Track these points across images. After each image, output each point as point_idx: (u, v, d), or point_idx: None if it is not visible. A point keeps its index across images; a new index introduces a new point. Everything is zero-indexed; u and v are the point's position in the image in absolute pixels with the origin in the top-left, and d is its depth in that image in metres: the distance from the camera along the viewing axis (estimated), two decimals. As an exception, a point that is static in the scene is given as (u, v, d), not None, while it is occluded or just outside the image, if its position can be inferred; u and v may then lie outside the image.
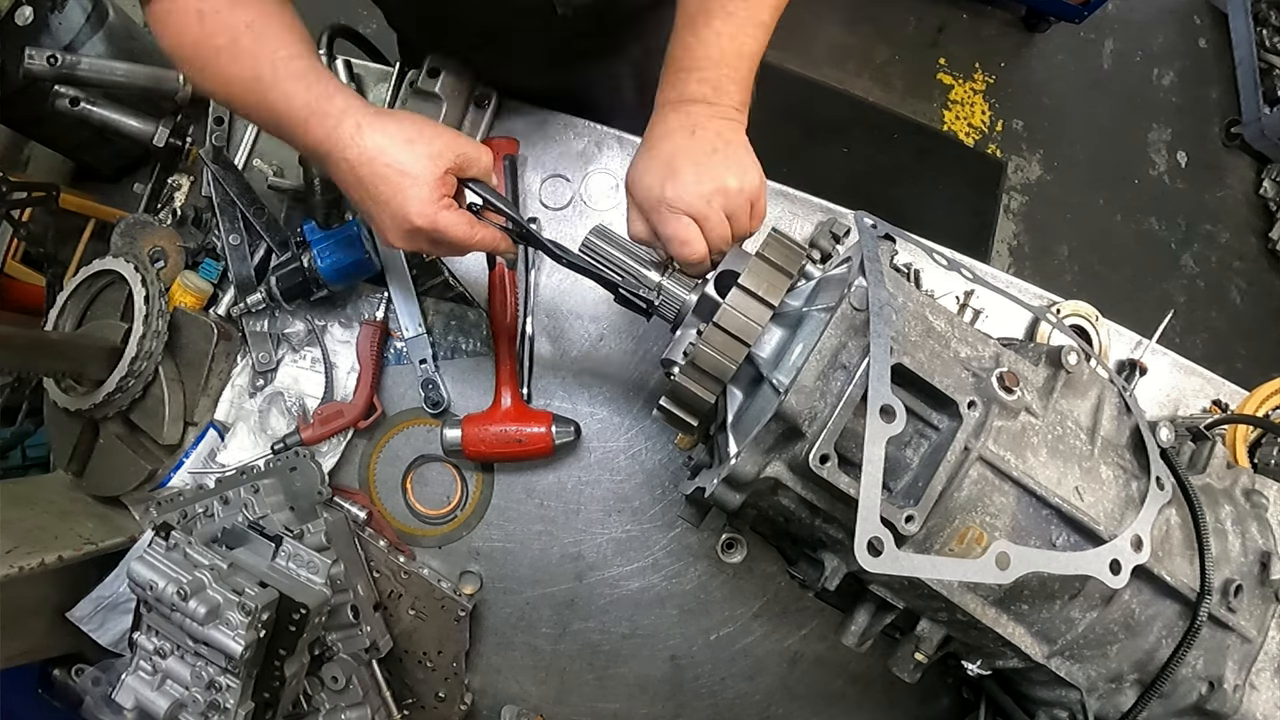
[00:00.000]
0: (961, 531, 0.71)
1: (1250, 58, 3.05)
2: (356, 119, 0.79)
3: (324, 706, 0.97)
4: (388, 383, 1.14)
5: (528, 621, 1.13)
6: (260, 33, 0.83)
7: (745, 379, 0.80)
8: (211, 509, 1.02)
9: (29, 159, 1.33)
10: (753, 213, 0.83)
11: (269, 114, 0.84)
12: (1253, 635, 0.78)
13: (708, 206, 0.79)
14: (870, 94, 2.93)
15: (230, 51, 0.83)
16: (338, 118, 0.80)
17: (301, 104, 0.81)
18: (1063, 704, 0.82)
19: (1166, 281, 2.96)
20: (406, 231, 0.81)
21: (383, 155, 0.79)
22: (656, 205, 0.80)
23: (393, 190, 0.79)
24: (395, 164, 0.79)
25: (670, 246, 0.81)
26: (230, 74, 0.84)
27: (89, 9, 1.15)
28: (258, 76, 0.82)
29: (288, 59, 0.82)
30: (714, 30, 0.81)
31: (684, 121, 0.81)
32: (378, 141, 0.79)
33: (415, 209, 0.79)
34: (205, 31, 0.83)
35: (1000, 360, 0.76)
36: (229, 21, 0.83)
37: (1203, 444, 0.90)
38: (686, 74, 0.82)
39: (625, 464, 1.13)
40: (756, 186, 0.82)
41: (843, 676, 1.12)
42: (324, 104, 0.81)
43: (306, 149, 0.85)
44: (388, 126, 0.80)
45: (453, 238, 0.82)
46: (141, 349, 1.00)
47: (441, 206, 0.81)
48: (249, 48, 0.83)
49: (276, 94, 0.82)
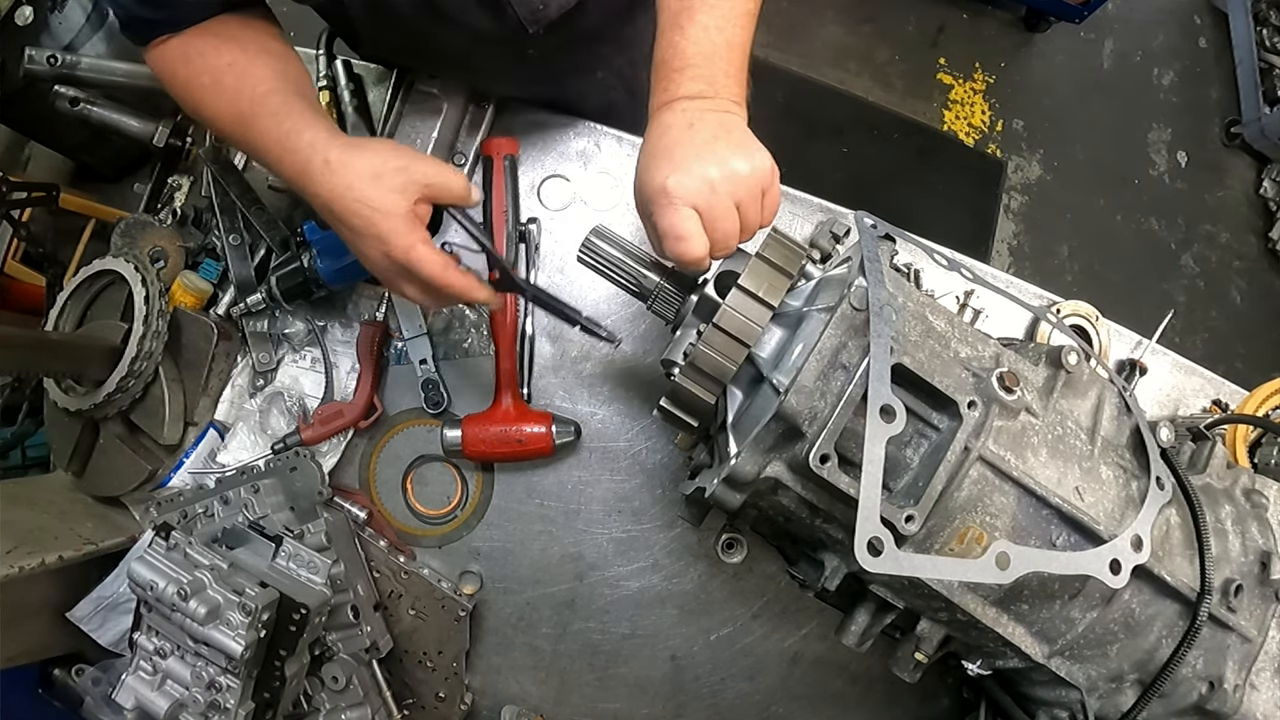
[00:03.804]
0: (961, 531, 0.71)
1: (1250, 58, 3.05)
2: (324, 155, 0.80)
3: (324, 706, 0.97)
4: (388, 383, 1.14)
5: (528, 621, 1.13)
6: (241, 71, 0.87)
7: (745, 379, 0.79)
8: (211, 509, 1.02)
9: (29, 159, 1.33)
10: (765, 202, 0.76)
11: (251, 149, 0.89)
12: (1253, 635, 0.78)
13: (713, 194, 0.72)
14: (870, 94, 2.93)
15: (214, 91, 0.87)
16: (306, 154, 0.81)
17: (274, 140, 0.84)
18: (1063, 704, 0.82)
19: (1166, 281, 2.96)
20: (385, 264, 0.81)
21: (351, 191, 0.79)
22: (656, 198, 0.73)
23: (365, 224, 0.79)
24: (363, 199, 0.79)
25: (665, 243, 0.74)
26: (216, 111, 0.88)
27: (89, 9, 1.14)
28: (239, 114, 0.86)
29: (264, 95, 0.86)
30: (700, 26, 0.78)
31: (680, 118, 0.76)
32: (344, 178, 0.79)
33: (391, 241, 0.79)
34: (192, 72, 0.88)
35: (1000, 360, 0.76)
36: (213, 64, 0.87)
37: (1203, 444, 0.90)
38: (678, 73, 0.78)
39: (625, 464, 1.13)
40: (768, 171, 0.75)
41: (843, 676, 1.12)
42: (294, 140, 0.82)
43: (286, 181, 0.86)
44: (354, 163, 0.80)
45: (425, 273, 0.81)
46: (141, 349, 1.00)
47: (416, 239, 0.80)
48: (231, 86, 0.87)
49: (254, 131, 0.85)
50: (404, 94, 1.16)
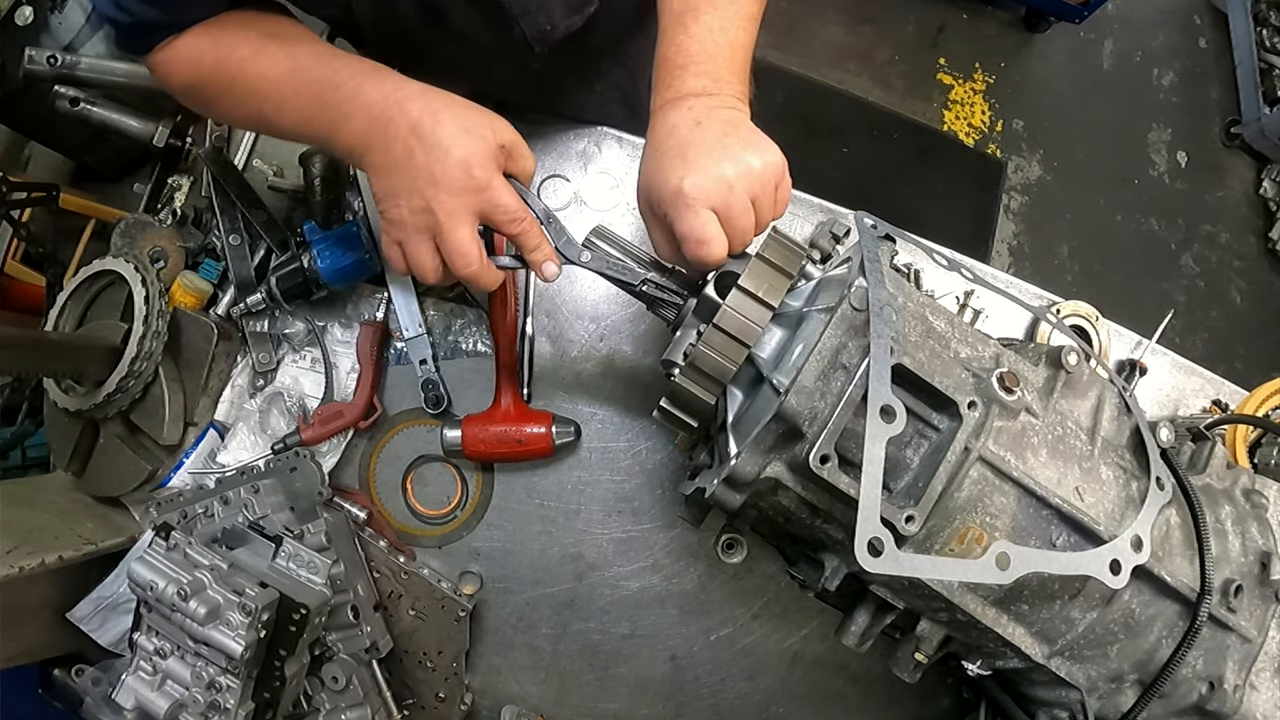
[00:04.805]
0: (961, 531, 0.71)
1: (1250, 58, 3.05)
2: (418, 86, 0.78)
3: (324, 707, 0.97)
4: (388, 383, 1.14)
5: (528, 621, 1.13)
6: (288, 38, 0.84)
7: (745, 379, 0.79)
8: (211, 509, 1.02)
9: (29, 159, 1.34)
10: (777, 196, 0.77)
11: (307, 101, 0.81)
12: (1253, 635, 0.78)
13: (731, 193, 0.72)
14: (870, 94, 2.93)
15: (259, 57, 0.82)
16: (396, 80, 0.79)
17: (354, 73, 0.79)
18: (1063, 704, 0.82)
19: (1166, 281, 2.96)
20: (461, 187, 0.75)
21: (453, 107, 0.77)
22: (674, 201, 0.73)
23: (457, 138, 0.75)
24: (463, 119, 0.76)
25: (686, 247, 0.74)
26: (262, 73, 0.82)
27: (89, 9, 1.15)
28: (296, 67, 0.81)
29: (329, 50, 0.83)
30: (704, 25, 0.79)
31: (686, 116, 0.76)
32: (445, 99, 0.77)
33: (477, 161, 0.75)
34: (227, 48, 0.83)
35: (1000, 360, 0.76)
36: (248, 35, 0.83)
37: (1203, 444, 0.90)
38: (682, 70, 0.78)
39: (625, 464, 1.13)
40: (779, 165, 0.76)
41: (843, 677, 1.12)
42: (380, 71, 0.80)
43: (357, 118, 0.78)
44: (452, 95, 0.79)
45: (504, 203, 0.77)
46: (141, 349, 1.00)
47: (496, 171, 0.77)
48: (280, 49, 0.83)
49: (322, 72, 0.80)
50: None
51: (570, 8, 0.94)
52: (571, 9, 0.94)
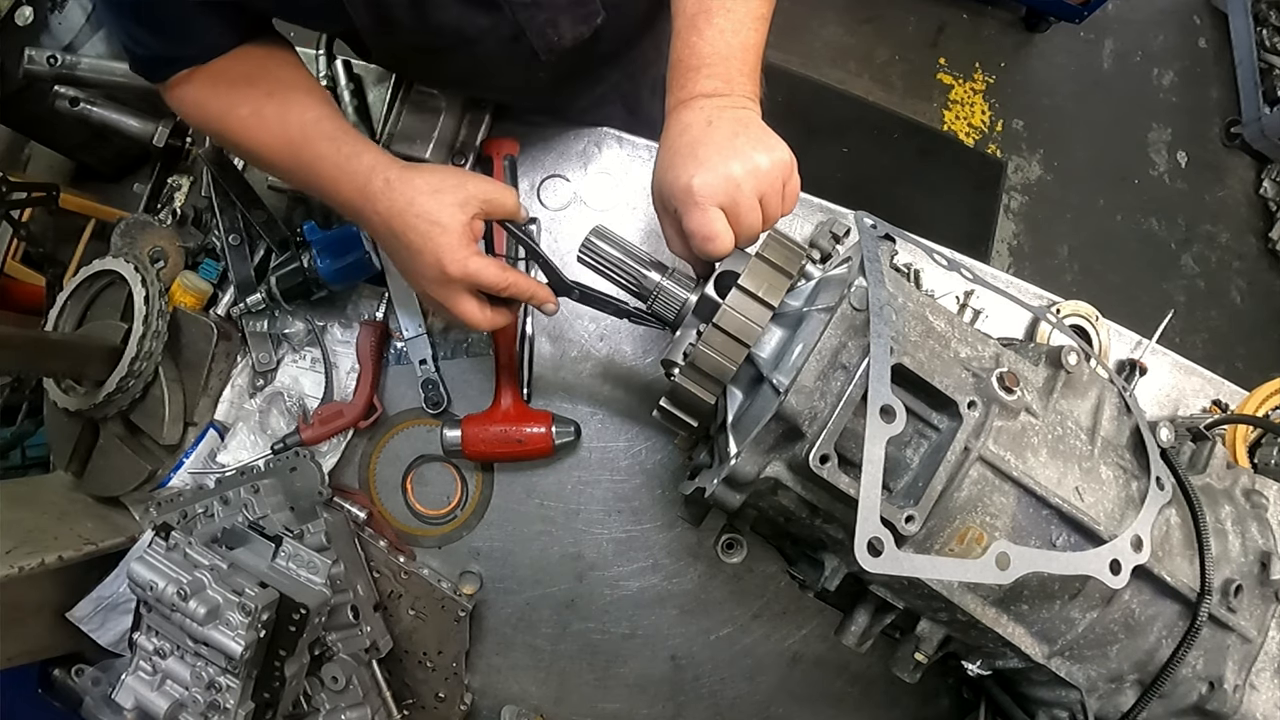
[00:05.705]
0: (961, 531, 0.71)
1: (1250, 58, 3.05)
2: (385, 175, 0.83)
3: (324, 707, 0.97)
4: (388, 383, 1.14)
5: (528, 621, 1.13)
6: (284, 99, 0.88)
7: (745, 379, 0.79)
8: (211, 509, 1.02)
9: (29, 159, 1.33)
10: (785, 193, 0.79)
11: (302, 174, 0.89)
12: (1253, 635, 0.78)
13: (738, 191, 0.75)
14: (870, 94, 2.92)
15: (256, 120, 0.88)
16: (366, 175, 0.83)
17: (331, 164, 0.85)
18: (1063, 704, 0.82)
19: (1166, 281, 2.96)
20: (441, 280, 0.83)
21: (412, 207, 0.82)
22: (683, 199, 0.76)
23: (423, 240, 0.82)
24: (424, 214, 0.81)
25: (694, 242, 0.76)
26: (260, 140, 0.89)
27: (89, 9, 1.15)
28: (288, 141, 0.87)
29: (315, 121, 0.87)
30: (716, 28, 0.80)
31: (698, 115, 0.78)
32: (406, 194, 0.82)
33: (447, 256, 0.81)
34: (226, 105, 0.89)
35: (1000, 360, 0.76)
36: (249, 93, 0.88)
37: (1203, 444, 0.90)
38: (695, 72, 0.81)
39: (625, 464, 1.13)
40: (788, 163, 0.78)
41: (843, 677, 1.12)
42: (353, 162, 0.84)
43: (340, 206, 0.88)
44: (414, 180, 0.83)
45: (485, 281, 0.84)
46: (141, 349, 1.00)
47: (472, 253, 0.83)
48: (274, 114, 0.88)
49: (307, 155, 0.87)
50: (404, 94, 1.15)
51: (578, 20, 0.95)
52: (579, 21, 0.95)
